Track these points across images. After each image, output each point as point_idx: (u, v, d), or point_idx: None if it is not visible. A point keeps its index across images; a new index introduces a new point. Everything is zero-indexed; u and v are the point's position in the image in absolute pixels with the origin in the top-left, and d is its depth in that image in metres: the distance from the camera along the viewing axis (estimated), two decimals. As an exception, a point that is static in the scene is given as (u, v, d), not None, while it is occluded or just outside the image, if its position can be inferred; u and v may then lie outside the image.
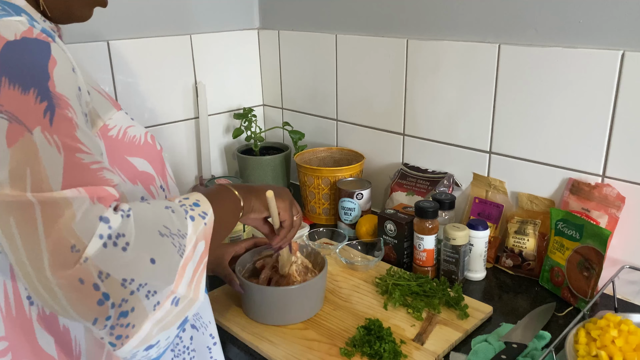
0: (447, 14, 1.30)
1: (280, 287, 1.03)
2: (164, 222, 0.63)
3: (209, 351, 0.90)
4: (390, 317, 1.06)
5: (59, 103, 0.58)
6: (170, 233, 0.63)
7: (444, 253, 1.17)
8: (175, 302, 0.63)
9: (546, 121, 1.18)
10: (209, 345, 0.90)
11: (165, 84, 1.60)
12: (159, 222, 0.63)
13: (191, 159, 1.71)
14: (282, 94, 1.80)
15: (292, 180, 1.76)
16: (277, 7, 1.72)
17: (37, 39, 0.60)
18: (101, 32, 1.44)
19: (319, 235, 1.36)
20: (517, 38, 1.19)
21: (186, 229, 0.65)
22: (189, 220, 0.66)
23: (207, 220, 0.68)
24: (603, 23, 1.06)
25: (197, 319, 0.88)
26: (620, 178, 1.10)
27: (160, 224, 0.63)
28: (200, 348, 0.88)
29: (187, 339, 0.83)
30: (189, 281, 0.65)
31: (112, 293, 0.57)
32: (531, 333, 0.97)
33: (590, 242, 1.05)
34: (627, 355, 0.81)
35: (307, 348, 0.97)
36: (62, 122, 0.58)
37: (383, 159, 1.54)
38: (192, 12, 1.62)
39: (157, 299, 0.61)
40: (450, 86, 1.33)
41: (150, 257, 0.60)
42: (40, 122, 0.57)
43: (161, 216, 0.64)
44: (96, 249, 0.56)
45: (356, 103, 1.57)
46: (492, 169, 1.31)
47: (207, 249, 0.68)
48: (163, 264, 0.61)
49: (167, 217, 0.64)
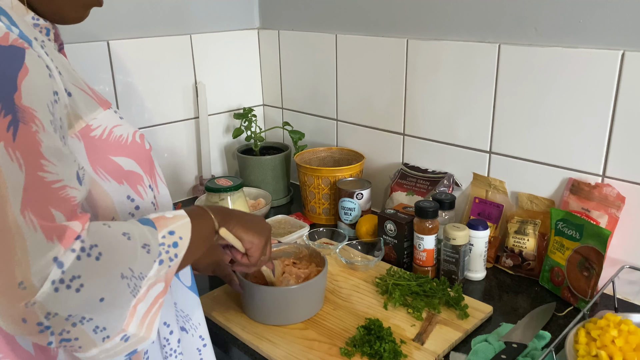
0: (447, 14, 1.30)
1: (280, 287, 1.03)
2: (130, 264, 0.62)
3: (198, 353, 0.90)
4: (390, 317, 1.06)
5: (24, 117, 0.57)
6: (131, 275, 0.62)
7: (444, 253, 1.17)
8: (124, 339, 0.63)
9: (546, 121, 1.18)
10: (198, 347, 0.90)
11: (165, 84, 1.60)
12: (126, 265, 0.62)
13: (191, 159, 1.71)
14: (282, 94, 1.80)
15: (292, 180, 1.76)
16: (277, 7, 1.72)
17: (11, 47, 0.58)
18: (101, 32, 1.44)
19: (319, 235, 1.36)
20: (517, 38, 1.19)
21: (149, 271, 0.65)
22: (155, 265, 0.65)
23: (173, 263, 0.68)
24: (603, 23, 1.07)
25: (187, 320, 0.88)
26: (620, 178, 1.10)
27: (126, 266, 0.62)
28: (190, 350, 0.88)
29: (174, 342, 0.83)
30: (140, 321, 0.64)
31: (55, 326, 0.57)
32: (531, 333, 0.97)
33: (590, 242, 1.05)
34: (627, 355, 0.81)
35: (307, 348, 0.97)
36: (25, 138, 0.56)
37: (383, 159, 1.54)
38: (192, 12, 1.62)
39: (107, 334, 0.61)
40: (451, 86, 1.33)
41: (101, 297, 0.59)
42: (3, 137, 0.55)
43: (131, 258, 0.62)
44: (47, 293, 0.55)
45: (356, 103, 1.57)
46: (492, 169, 1.31)
47: (166, 289, 0.68)
48: (113, 304, 0.60)
49: (137, 259, 0.63)
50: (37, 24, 0.72)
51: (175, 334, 0.83)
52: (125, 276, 0.61)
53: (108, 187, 0.72)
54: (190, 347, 0.89)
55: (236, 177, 1.36)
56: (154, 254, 0.65)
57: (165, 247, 0.67)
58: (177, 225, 0.70)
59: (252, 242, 0.85)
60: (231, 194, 1.23)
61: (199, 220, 0.75)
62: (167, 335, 0.82)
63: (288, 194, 1.69)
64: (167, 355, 0.82)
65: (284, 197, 1.67)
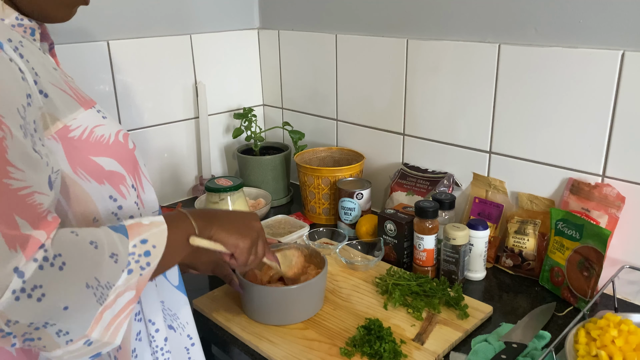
0: (447, 14, 1.30)
1: (280, 287, 1.03)
2: (96, 274, 0.62)
3: (186, 352, 0.89)
4: (390, 317, 1.06)
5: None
6: (97, 285, 0.62)
7: (444, 253, 1.17)
8: (87, 343, 0.63)
9: (546, 121, 1.18)
10: (186, 346, 0.90)
11: (165, 84, 1.60)
12: (91, 274, 0.61)
13: (191, 159, 1.71)
14: (282, 94, 1.80)
15: (292, 180, 1.76)
16: (277, 7, 1.72)
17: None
18: (101, 32, 1.44)
19: (319, 235, 1.36)
20: (517, 38, 1.19)
21: (116, 280, 0.64)
22: (124, 274, 0.65)
23: (145, 272, 0.67)
24: (603, 23, 1.07)
25: (174, 319, 0.88)
26: (620, 178, 1.10)
27: (91, 276, 0.61)
28: (177, 348, 0.88)
29: (160, 340, 0.83)
30: (105, 327, 0.64)
31: (17, 332, 0.57)
32: (531, 333, 0.97)
33: (590, 242, 1.05)
34: (627, 355, 0.81)
35: (307, 348, 0.97)
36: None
37: (383, 159, 1.54)
38: (192, 12, 1.62)
39: (70, 338, 0.61)
40: (450, 86, 1.33)
41: (64, 305, 0.59)
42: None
43: (97, 267, 0.62)
44: (7, 303, 0.54)
45: (356, 103, 1.57)
46: (492, 169, 1.31)
47: (137, 296, 0.67)
48: (77, 312, 0.60)
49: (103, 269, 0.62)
50: (21, 24, 0.71)
51: (162, 332, 0.83)
52: (91, 285, 0.61)
53: (89, 188, 0.71)
54: (178, 345, 0.88)
55: (236, 177, 1.36)
56: (122, 263, 0.64)
57: (135, 256, 0.66)
58: (152, 233, 0.69)
59: (237, 245, 0.82)
60: (231, 194, 1.23)
61: (177, 227, 0.74)
62: (153, 333, 0.82)
63: (288, 194, 1.69)
64: (154, 351, 0.82)
65: (284, 197, 1.67)
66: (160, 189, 1.65)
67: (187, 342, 0.90)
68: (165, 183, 1.66)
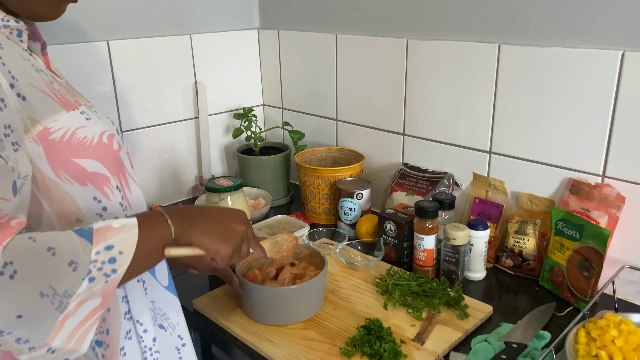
0: (447, 14, 1.30)
1: (280, 287, 1.03)
2: (52, 282, 0.59)
3: (177, 352, 0.89)
4: (390, 317, 1.06)
5: None
6: (54, 293, 0.59)
7: (444, 253, 1.17)
8: (50, 351, 0.61)
9: (546, 121, 1.18)
10: (177, 346, 0.89)
11: (165, 84, 1.60)
12: (45, 283, 0.59)
13: (191, 159, 1.71)
14: (282, 94, 1.80)
15: (292, 180, 1.76)
16: (277, 7, 1.72)
17: None
18: (101, 32, 1.44)
19: (319, 235, 1.36)
20: (517, 38, 1.19)
21: (76, 288, 0.61)
22: (85, 282, 0.62)
23: (111, 279, 0.64)
24: (603, 23, 1.06)
25: (165, 319, 0.88)
26: (620, 178, 1.10)
27: (45, 284, 0.59)
28: (167, 348, 0.88)
29: (149, 340, 0.82)
30: (68, 335, 0.61)
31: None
32: (531, 333, 0.97)
33: (590, 242, 1.05)
34: (627, 355, 0.81)
35: (307, 348, 0.97)
36: None
37: (383, 159, 1.54)
38: (192, 12, 1.62)
39: (31, 345, 0.60)
40: (451, 86, 1.33)
41: (18, 314, 0.57)
42: None
43: (52, 275, 0.59)
44: None
45: (356, 103, 1.57)
46: (492, 169, 1.31)
47: (105, 303, 0.64)
48: (33, 321, 0.59)
49: (60, 277, 0.60)
50: (7, 25, 0.71)
51: (150, 333, 0.82)
52: (46, 294, 0.59)
53: (71, 189, 0.71)
54: (169, 345, 0.88)
55: (236, 177, 1.36)
56: (82, 271, 0.61)
57: (98, 263, 0.63)
58: (120, 238, 0.65)
59: (218, 251, 0.77)
60: (231, 194, 1.22)
61: (151, 231, 0.71)
62: (141, 333, 0.82)
63: (288, 194, 1.69)
64: (143, 351, 0.82)
65: (284, 197, 1.67)
66: (160, 189, 1.65)
67: (177, 342, 0.89)
68: (165, 183, 1.66)
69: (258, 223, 1.42)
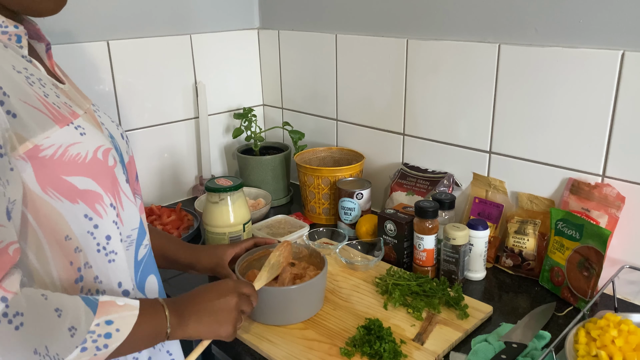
0: (447, 14, 1.30)
1: (280, 287, 1.03)
2: (47, 342, 0.60)
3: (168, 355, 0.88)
4: (390, 317, 1.06)
5: None
6: (45, 353, 0.60)
7: (444, 253, 1.17)
8: None
9: (546, 121, 1.18)
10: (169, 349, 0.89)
11: (165, 84, 1.60)
12: (42, 342, 0.60)
13: (191, 159, 1.71)
14: (282, 94, 1.80)
15: (292, 180, 1.76)
16: (277, 7, 1.72)
17: None
18: (101, 32, 1.44)
19: (319, 235, 1.36)
20: (517, 38, 1.19)
21: (67, 354, 0.62)
22: (77, 350, 0.63)
23: (100, 353, 0.65)
24: (603, 23, 1.07)
25: None
26: (620, 178, 1.10)
27: (41, 344, 0.60)
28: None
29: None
30: None
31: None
32: (531, 333, 0.97)
33: (590, 242, 1.05)
34: (627, 355, 0.81)
35: (307, 348, 0.97)
36: None
37: (383, 159, 1.54)
38: (192, 12, 1.62)
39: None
40: (450, 86, 1.33)
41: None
42: None
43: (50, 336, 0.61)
44: None
45: (356, 103, 1.57)
46: (492, 169, 1.31)
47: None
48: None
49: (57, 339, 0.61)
50: (5, 31, 0.69)
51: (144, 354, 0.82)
52: (38, 352, 0.60)
53: (60, 207, 0.69)
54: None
55: (236, 177, 1.36)
56: (78, 339, 0.63)
57: (94, 335, 0.64)
58: (120, 316, 0.68)
59: (219, 335, 0.83)
60: (231, 194, 1.22)
61: (149, 318, 0.73)
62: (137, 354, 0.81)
63: (288, 194, 1.69)
64: None
65: (284, 197, 1.67)
66: (160, 189, 1.65)
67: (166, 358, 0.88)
68: (165, 183, 1.66)
69: (258, 223, 1.42)
